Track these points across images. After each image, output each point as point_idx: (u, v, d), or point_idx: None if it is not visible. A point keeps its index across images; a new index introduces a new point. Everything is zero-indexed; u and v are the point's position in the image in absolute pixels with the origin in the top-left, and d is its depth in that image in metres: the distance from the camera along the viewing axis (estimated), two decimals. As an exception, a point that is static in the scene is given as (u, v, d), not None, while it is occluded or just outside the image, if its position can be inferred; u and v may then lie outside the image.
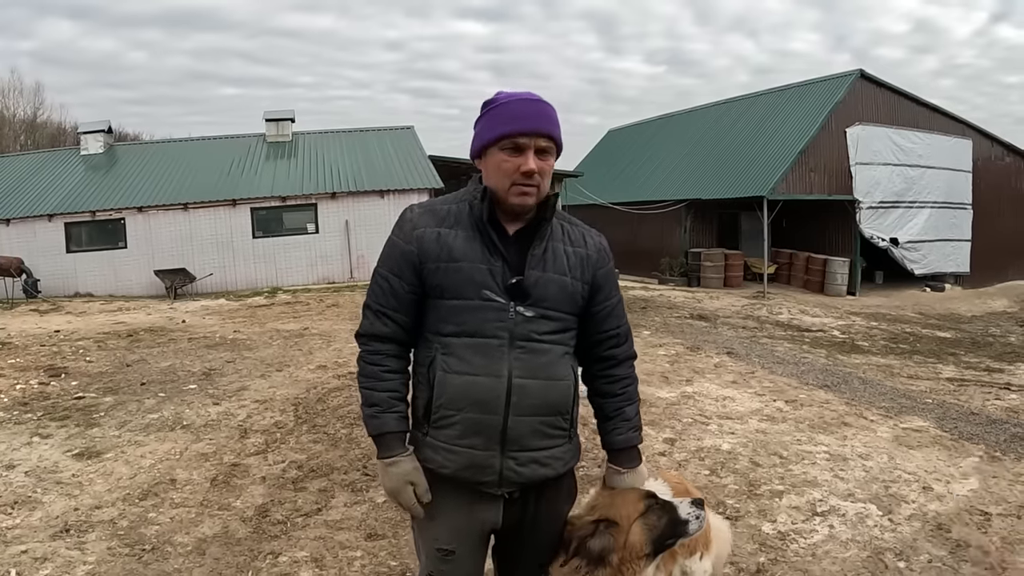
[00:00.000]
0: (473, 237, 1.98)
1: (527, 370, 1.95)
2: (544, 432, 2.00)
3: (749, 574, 3.56)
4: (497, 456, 1.96)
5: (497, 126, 1.96)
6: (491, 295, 1.95)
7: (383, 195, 21.64)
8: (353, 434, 5.89)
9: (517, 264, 1.98)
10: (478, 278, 1.95)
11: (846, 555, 3.74)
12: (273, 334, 11.36)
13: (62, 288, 19.77)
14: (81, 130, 25.11)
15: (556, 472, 2.06)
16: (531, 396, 1.96)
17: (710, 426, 6.05)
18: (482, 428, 1.95)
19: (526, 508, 2.08)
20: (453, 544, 2.07)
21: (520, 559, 2.19)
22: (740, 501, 4.45)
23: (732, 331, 12.43)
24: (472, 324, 1.95)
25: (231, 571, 3.66)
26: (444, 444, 1.99)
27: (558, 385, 2.01)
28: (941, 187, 23.65)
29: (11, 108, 48.84)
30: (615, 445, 2.21)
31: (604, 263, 2.14)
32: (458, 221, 2.02)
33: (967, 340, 14.00)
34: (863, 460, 5.16)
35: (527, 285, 1.96)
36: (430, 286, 1.99)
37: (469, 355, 1.95)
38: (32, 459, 5.40)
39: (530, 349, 1.97)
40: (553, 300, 2.00)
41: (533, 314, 1.97)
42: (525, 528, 2.10)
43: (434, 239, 1.99)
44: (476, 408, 1.94)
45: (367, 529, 4.14)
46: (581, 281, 2.06)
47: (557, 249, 2.04)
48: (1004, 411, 7.00)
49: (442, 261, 1.97)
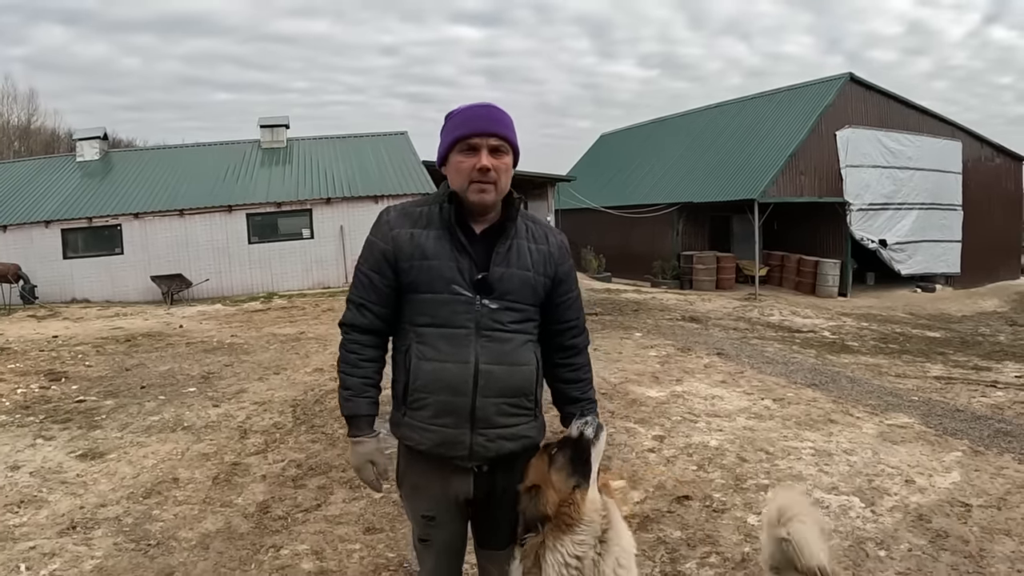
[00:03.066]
0: (443, 236, 2.19)
1: (492, 356, 2.16)
2: (509, 412, 2.21)
3: (734, 563, 3.69)
4: (467, 433, 2.17)
5: (452, 132, 2.20)
6: (459, 289, 2.16)
7: (378, 200, 21.69)
8: (351, 434, 6.00)
9: (483, 261, 2.19)
10: (447, 274, 2.16)
11: (829, 544, 3.86)
12: (270, 338, 11.47)
13: (59, 294, 19.78)
14: (76, 136, 25.10)
15: (522, 447, 2.27)
16: (496, 380, 2.17)
17: (699, 424, 6.18)
18: (453, 409, 2.16)
19: (495, 481, 2.28)
20: (433, 511, 2.33)
21: (491, 530, 2.40)
22: (727, 495, 4.58)
23: (723, 332, 12.56)
24: (442, 316, 2.16)
25: (234, 564, 3.79)
26: (420, 424, 2.21)
27: (521, 370, 2.22)
28: (930, 188, 23.83)
29: (5, 114, 48.77)
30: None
31: (564, 260, 2.35)
32: (430, 222, 2.23)
33: (956, 340, 14.14)
34: (847, 455, 5.30)
35: (492, 280, 2.17)
36: (406, 282, 2.21)
37: (440, 344, 2.16)
38: (36, 460, 5.49)
39: (495, 338, 2.18)
40: (516, 293, 2.20)
41: (497, 306, 2.18)
42: (495, 500, 2.31)
43: (408, 239, 2.20)
44: (447, 391, 2.16)
45: (365, 523, 4.27)
46: (544, 276, 2.27)
47: (521, 246, 2.25)
48: (989, 408, 7.13)
49: (415, 259, 2.18)
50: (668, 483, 4.80)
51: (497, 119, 2.18)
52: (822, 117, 22.27)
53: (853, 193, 22.21)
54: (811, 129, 22.09)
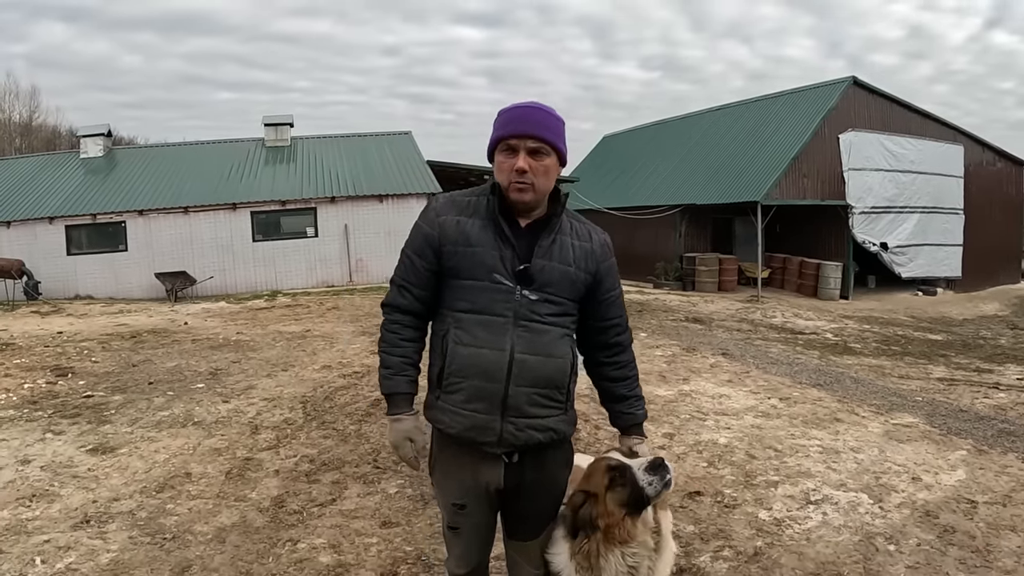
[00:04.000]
0: (487, 226, 2.24)
1: (528, 346, 2.20)
2: (540, 402, 2.24)
3: (747, 556, 3.74)
4: (497, 420, 2.21)
5: (496, 131, 2.24)
6: (500, 278, 2.20)
7: (382, 199, 21.76)
8: (362, 430, 6.05)
9: (526, 253, 2.23)
10: (489, 262, 2.21)
11: (839, 539, 3.93)
12: (276, 336, 11.48)
13: (62, 290, 19.81)
14: (80, 133, 25.15)
15: (551, 439, 2.29)
16: (530, 370, 2.20)
17: (707, 422, 6.23)
18: (485, 395, 2.20)
19: (524, 472, 2.31)
20: (463, 499, 2.36)
21: (521, 520, 2.43)
22: (737, 490, 4.63)
23: (727, 333, 12.60)
24: (482, 303, 2.21)
25: (252, 557, 3.80)
26: (452, 408, 2.24)
27: (556, 361, 2.25)
28: (932, 192, 23.83)
29: (7, 111, 48.91)
30: (635, 420, 2.49)
31: (607, 257, 2.39)
32: (476, 211, 2.27)
33: (958, 342, 14.18)
34: (855, 453, 5.35)
35: (533, 271, 2.22)
36: (447, 267, 2.25)
37: (477, 330, 2.20)
38: (47, 454, 5.49)
39: (532, 328, 2.21)
40: (556, 286, 2.24)
41: (537, 297, 2.22)
42: (525, 491, 2.34)
43: (454, 225, 2.25)
44: (481, 377, 2.19)
45: (381, 517, 4.29)
46: (585, 271, 2.31)
47: (564, 242, 2.29)
48: (992, 408, 7.18)
49: (459, 245, 2.23)
50: (679, 479, 4.83)
51: (538, 121, 2.20)
52: (825, 120, 22.26)
53: (855, 196, 22.23)
54: (814, 132, 22.09)
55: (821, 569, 3.61)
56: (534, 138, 2.17)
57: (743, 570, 3.62)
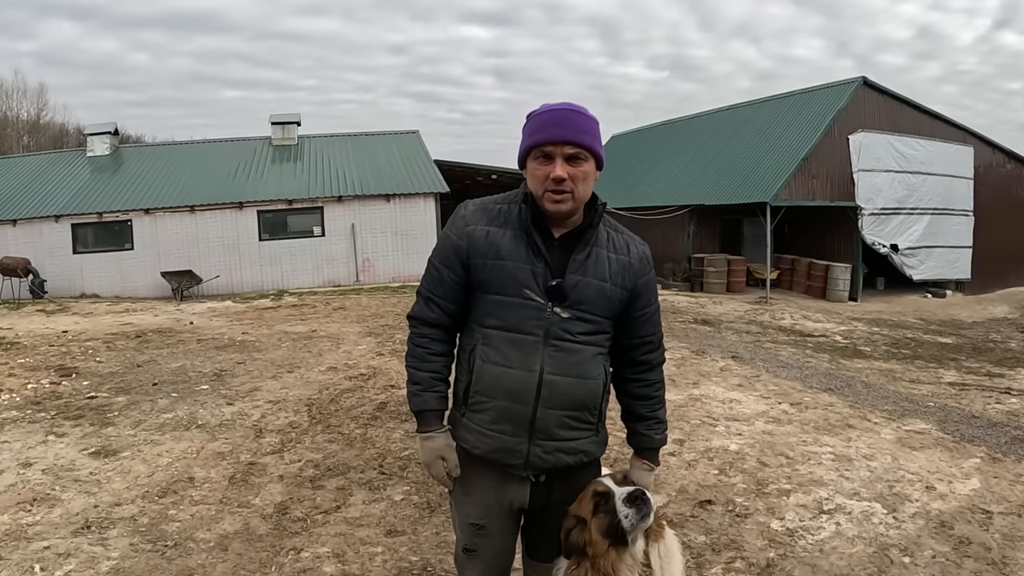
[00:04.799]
0: (519, 237, 2.10)
1: (558, 367, 2.07)
2: (570, 425, 2.12)
3: (760, 568, 3.66)
4: (525, 443, 2.10)
5: (529, 136, 2.09)
6: (531, 294, 2.07)
7: (389, 199, 21.73)
8: (368, 434, 5.98)
9: (559, 267, 2.09)
10: (520, 277, 2.07)
11: (853, 551, 3.84)
12: (282, 336, 11.44)
13: (68, 289, 19.87)
14: (87, 132, 25.21)
15: (579, 461, 2.18)
16: (560, 391, 2.08)
17: (718, 427, 6.15)
18: (512, 416, 2.08)
19: (551, 493, 2.20)
20: (484, 520, 2.23)
21: (544, 542, 2.32)
22: (749, 499, 4.55)
23: (736, 336, 12.52)
24: (511, 319, 2.08)
25: (254, 566, 3.73)
26: (478, 427, 2.14)
27: (588, 383, 2.12)
28: (942, 194, 23.68)
29: (15, 109, 49.11)
30: (652, 444, 2.36)
31: (645, 272, 2.23)
32: (507, 221, 2.14)
33: (968, 346, 14.08)
34: (867, 461, 5.26)
35: (566, 288, 2.07)
36: (476, 280, 2.12)
37: (506, 348, 2.08)
38: (48, 457, 5.44)
39: (563, 348, 2.08)
40: (590, 303, 2.10)
41: (569, 315, 2.08)
42: (550, 512, 2.23)
43: (483, 236, 2.12)
44: (508, 398, 2.07)
45: (386, 526, 4.22)
46: (621, 288, 2.16)
47: (600, 255, 2.14)
48: (1005, 415, 7.10)
49: (489, 258, 2.09)
50: (690, 487, 4.76)
51: (575, 125, 2.05)
52: (835, 121, 22.13)
53: (865, 197, 22.10)
54: (824, 133, 21.97)
55: (835, 582, 3.53)
56: (572, 143, 2.03)
57: (755, 583, 3.54)
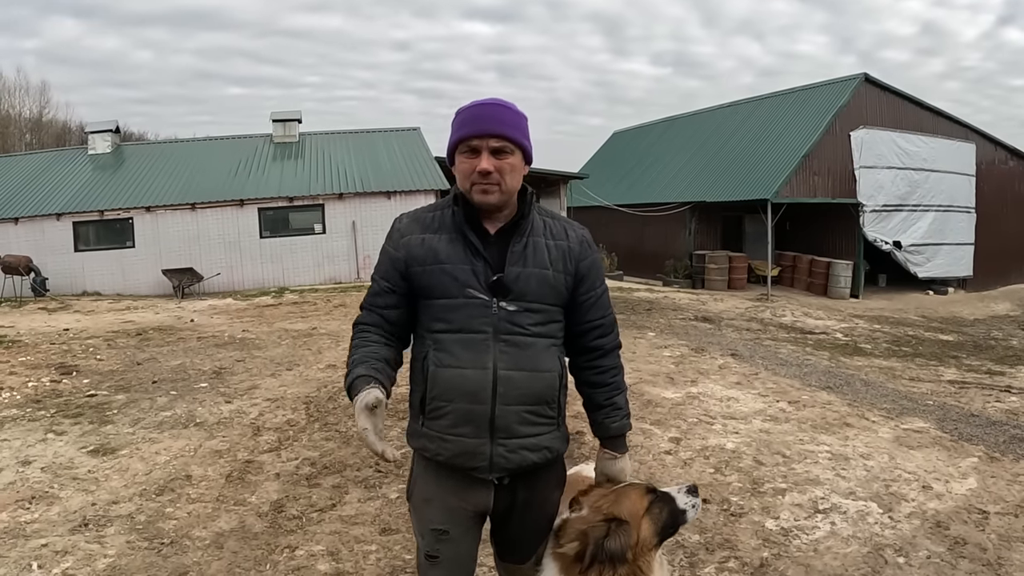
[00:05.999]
0: (455, 240, 2.10)
1: (512, 362, 2.06)
2: (531, 420, 2.10)
3: (753, 568, 3.66)
4: (487, 443, 2.06)
5: (455, 132, 2.10)
6: (474, 293, 2.05)
7: (390, 196, 21.70)
8: (364, 432, 5.97)
9: (498, 262, 2.08)
10: (461, 277, 2.06)
11: (847, 551, 3.84)
12: (282, 334, 11.46)
13: (70, 287, 19.87)
14: (88, 130, 25.21)
15: (544, 459, 2.16)
16: (516, 387, 2.06)
17: (715, 426, 6.14)
18: (472, 418, 2.05)
19: (516, 494, 2.19)
20: (446, 525, 2.18)
21: (513, 543, 2.32)
22: (744, 498, 4.55)
23: (736, 333, 12.51)
24: (458, 320, 2.06)
25: (249, 564, 3.74)
26: (438, 433, 2.10)
27: (543, 376, 2.10)
28: (945, 191, 23.68)
29: (17, 107, 49.18)
30: (609, 433, 2.30)
31: (587, 254, 2.22)
32: (442, 226, 2.13)
33: (969, 343, 14.05)
34: (864, 460, 5.26)
35: (507, 281, 2.06)
36: (419, 287, 2.11)
37: (457, 350, 2.06)
38: (47, 455, 5.46)
39: (514, 342, 2.07)
40: (535, 293, 2.09)
41: (516, 308, 2.07)
42: (516, 513, 2.22)
43: (419, 244, 2.11)
44: (465, 399, 2.05)
45: (381, 524, 4.23)
46: (564, 273, 2.14)
47: (538, 244, 2.13)
48: (1004, 413, 7.09)
49: (427, 264, 2.09)
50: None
51: (500, 118, 2.07)
52: (837, 117, 22.13)
53: (866, 194, 22.09)
54: (826, 129, 21.96)
55: (829, 582, 3.53)
56: (497, 136, 2.04)
57: (749, 583, 3.54)
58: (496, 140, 2.04)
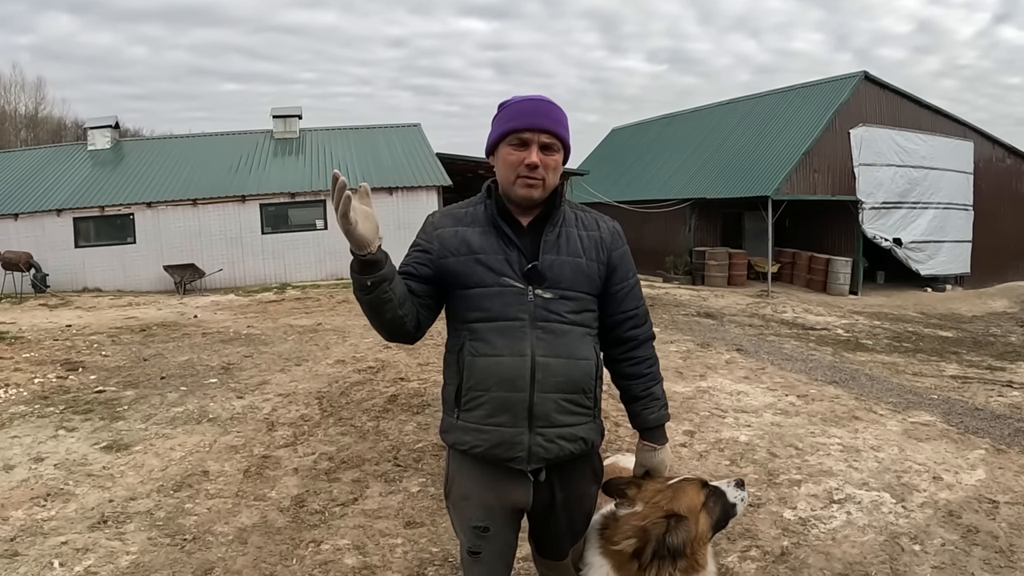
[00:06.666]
0: (488, 232, 2.13)
1: (549, 349, 2.07)
2: (568, 409, 2.11)
3: (774, 556, 3.72)
4: (525, 432, 2.07)
5: (505, 123, 2.11)
6: (510, 281, 2.08)
7: (392, 192, 21.69)
8: (380, 427, 6.02)
9: (532, 251, 2.11)
10: (496, 266, 2.09)
11: (864, 539, 3.91)
12: (287, 329, 11.47)
13: (70, 283, 19.84)
14: (88, 125, 25.11)
15: (581, 450, 2.17)
16: (554, 374, 2.07)
17: (727, 419, 6.21)
18: (509, 406, 2.06)
19: (554, 490, 2.19)
20: (485, 521, 2.20)
21: (553, 540, 2.33)
22: (761, 489, 4.61)
23: (739, 329, 12.57)
24: (495, 309, 2.07)
25: (275, 559, 3.74)
26: (475, 425, 2.10)
27: (580, 364, 2.12)
28: (944, 188, 23.74)
29: (12, 103, 48.98)
30: (648, 424, 2.32)
31: (618, 245, 2.25)
32: (475, 220, 2.17)
33: (969, 339, 14.16)
34: (875, 452, 5.33)
35: (542, 268, 2.09)
36: (453, 276, 2.12)
37: (494, 338, 2.07)
38: (60, 452, 5.43)
39: (550, 329, 2.08)
40: (569, 281, 2.11)
41: (552, 295, 2.09)
42: (556, 509, 2.23)
43: (452, 235, 2.14)
44: (502, 387, 2.05)
45: (405, 517, 4.25)
46: (597, 262, 2.17)
47: (571, 234, 2.17)
48: (1007, 407, 7.17)
49: (461, 254, 2.11)
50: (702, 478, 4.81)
51: (552, 115, 2.10)
52: (837, 115, 22.15)
53: (866, 192, 22.13)
54: (825, 127, 21.99)
55: (849, 569, 3.59)
56: (548, 132, 2.07)
57: (771, 570, 3.60)
58: (547, 136, 2.07)
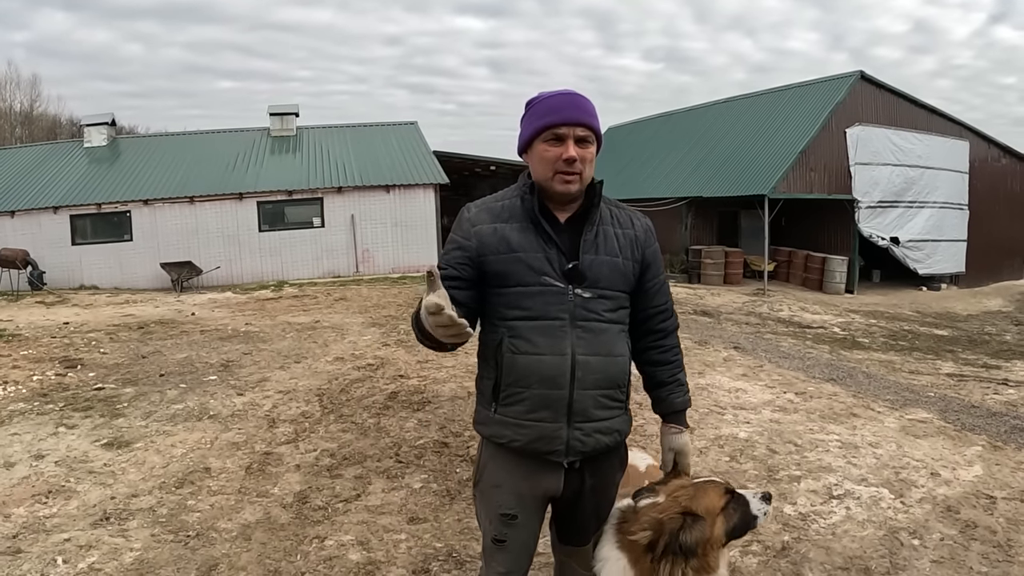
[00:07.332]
0: (527, 228, 2.13)
1: (589, 347, 2.10)
2: (605, 404, 2.16)
3: (776, 551, 3.76)
4: (564, 428, 2.11)
5: (538, 119, 2.12)
6: (551, 280, 2.09)
7: (388, 190, 21.72)
8: (381, 423, 6.04)
9: (571, 250, 2.12)
10: (536, 265, 2.10)
11: (864, 534, 3.96)
12: (285, 327, 11.46)
13: (67, 280, 19.81)
14: (85, 122, 25.06)
15: (615, 441, 2.23)
16: (593, 371, 2.11)
17: (726, 416, 6.24)
18: (550, 403, 2.09)
19: (583, 477, 2.22)
20: (515, 509, 2.23)
21: (578, 527, 2.35)
22: (760, 485, 4.63)
23: (736, 327, 12.61)
24: (536, 308, 2.09)
25: (279, 555, 3.75)
26: (514, 420, 2.13)
27: (617, 361, 2.17)
28: (940, 188, 23.80)
29: (8, 100, 48.81)
30: (675, 407, 2.37)
31: (651, 242, 2.29)
32: (512, 215, 2.16)
33: (964, 338, 14.22)
34: (873, 448, 5.38)
35: (583, 268, 2.11)
36: (493, 273, 2.12)
37: (535, 336, 2.09)
38: (60, 449, 5.42)
39: (589, 328, 2.11)
40: (607, 280, 2.14)
41: (591, 295, 2.12)
42: (584, 496, 2.26)
43: (491, 233, 2.14)
44: (544, 384, 2.08)
45: (408, 513, 4.27)
46: (632, 260, 2.21)
47: (608, 232, 2.19)
48: (1003, 405, 7.23)
49: (501, 252, 2.11)
50: (703, 474, 4.83)
51: (584, 108, 2.11)
52: (833, 114, 22.19)
53: (862, 191, 22.17)
54: (822, 126, 22.02)
55: (849, 563, 3.63)
56: (584, 126, 2.08)
57: (773, 564, 3.64)
58: (582, 129, 2.09)
